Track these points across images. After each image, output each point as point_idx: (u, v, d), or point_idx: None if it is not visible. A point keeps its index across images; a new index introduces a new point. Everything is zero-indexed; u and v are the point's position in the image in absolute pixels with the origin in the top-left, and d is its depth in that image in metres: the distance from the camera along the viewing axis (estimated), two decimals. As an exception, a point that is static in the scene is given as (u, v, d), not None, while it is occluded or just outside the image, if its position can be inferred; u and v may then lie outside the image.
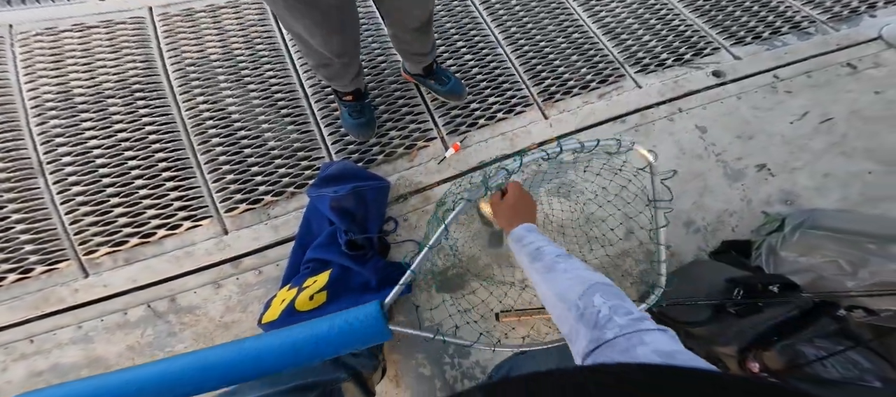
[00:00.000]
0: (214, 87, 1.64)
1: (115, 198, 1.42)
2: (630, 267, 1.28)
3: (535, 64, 1.67)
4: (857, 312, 1.03)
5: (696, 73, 1.59)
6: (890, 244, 1.09)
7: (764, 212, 1.27)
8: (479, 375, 1.19)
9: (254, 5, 1.80)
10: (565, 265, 0.69)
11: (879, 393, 0.89)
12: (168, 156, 1.50)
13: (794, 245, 1.13)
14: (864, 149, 1.38)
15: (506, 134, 1.51)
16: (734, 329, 1.02)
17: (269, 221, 1.40)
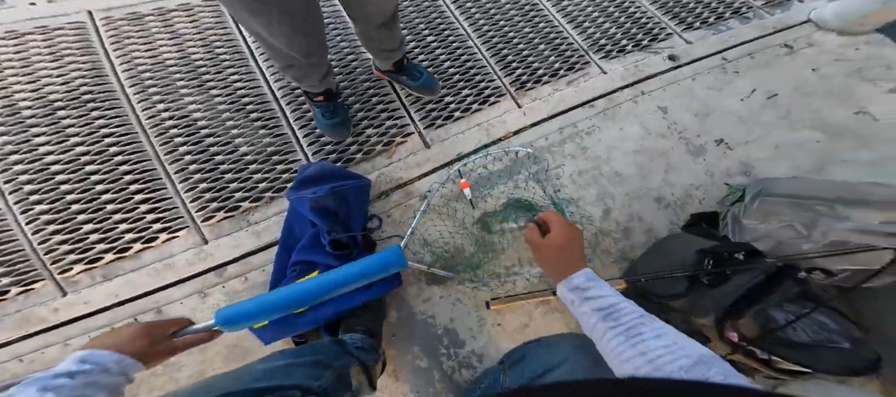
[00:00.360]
0: (174, 94, 1.54)
1: (83, 214, 1.33)
2: (609, 246, 1.31)
3: (505, 54, 1.67)
4: (816, 274, 1.07)
5: (654, 57, 1.63)
6: (837, 205, 1.14)
7: (726, 183, 1.32)
8: (476, 364, 1.18)
9: (208, 8, 1.69)
10: (653, 329, 0.60)
11: (846, 353, 0.93)
12: (133, 167, 1.40)
13: (754, 213, 1.18)
14: (808, 120, 1.46)
15: (481, 124, 1.50)
16: (708, 299, 1.03)
17: (249, 228, 1.34)
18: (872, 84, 1.50)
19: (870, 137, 1.41)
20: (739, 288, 1.02)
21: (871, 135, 1.42)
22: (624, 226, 1.32)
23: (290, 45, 1.10)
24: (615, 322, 0.62)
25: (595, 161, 1.41)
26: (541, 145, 1.43)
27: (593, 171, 1.39)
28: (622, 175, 1.39)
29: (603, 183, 1.38)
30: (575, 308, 0.70)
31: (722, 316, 1.01)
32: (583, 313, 0.68)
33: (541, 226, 0.82)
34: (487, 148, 1.42)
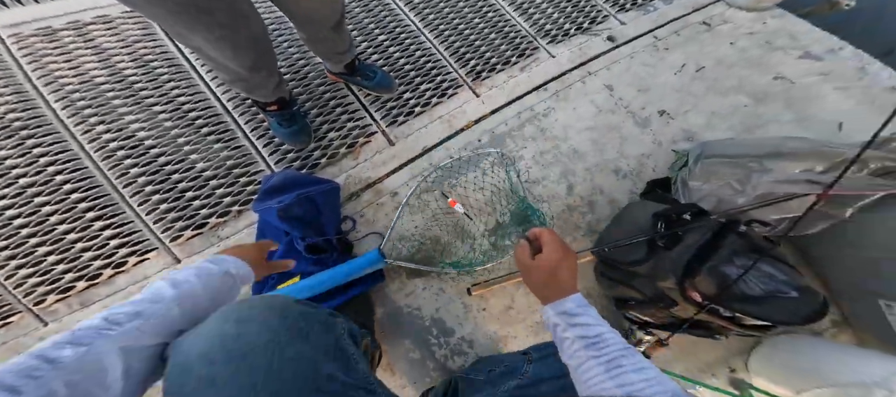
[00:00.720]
0: (112, 113, 1.41)
1: (43, 246, 1.23)
2: (577, 220, 1.35)
3: (459, 47, 1.66)
4: (755, 226, 1.13)
5: (595, 38, 1.69)
6: (764, 160, 1.23)
7: (673, 149, 1.39)
8: (467, 350, 1.19)
9: (130, 20, 1.55)
10: (634, 363, 0.59)
11: (795, 302, 0.98)
12: (85, 194, 1.29)
13: (698, 175, 1.25)
14: (734, 88, 1.57)
15: (443, 117, 1.49)
16: (667, 261, 1.07)
17: (221, 243, 1.28)
18: (783, 52, 1.63)
19: (790, 99, 1.53)
20: (691, 247, 1.05)
21: (791, 96, 1.54)
22: (588, 199, 1.37)
23: (235, 59, 1.02)
24: (598, 351, 0.61)
25: (554, 141, 1.44)
26: (502, 131, 1.45)
27: (554, 151, 1.43)
28: (580, 151, 1.43)
29: (564, 160, 1.42)
30: (558, 332, 0.67)
31: (681, 276, 1.05)
32: (565, 338, 0.65)
33: (531, 242, 0.77)
34: (459, 158, 1.40)
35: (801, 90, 1.54)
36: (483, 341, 1.19)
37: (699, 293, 1.02)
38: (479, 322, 1.21)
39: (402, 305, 1.21)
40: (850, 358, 1.03)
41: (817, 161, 1.20)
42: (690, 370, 1.21)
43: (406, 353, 1.17)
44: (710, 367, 1.22)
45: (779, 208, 1.17)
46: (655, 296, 1.10)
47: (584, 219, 1.34)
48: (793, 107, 1.51)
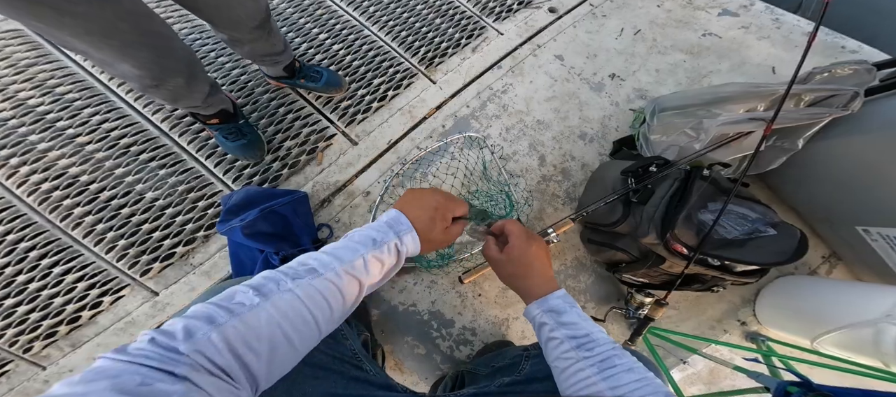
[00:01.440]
0: (31, 150, 1.19)
1: (9, 298, 1.06)
2: (555, 190, 1.29)
3: (406, 36, 1.52)
4: (717, 168, 1.09)
5: (538, 11, 1.61)
6: (711, 106, 1.20)
7: (631, 109, 1.36)
8: (470, 338, 1.11)
9: (17, 40, 1.30)
10: (625, 363, 0.53)
11: (774, 240, 0.95)
12: (33, 242, 1.11)
13: (656, 128, 1.21)
14: (671, 46, 1.56)
15: (402, 109, 1.37)
16: (643, 217, 1.01)
17: (196, 270, 1.12)
18: (704, 11, 1.64)
19: (722, 51, 1.54)
20: (663, 198, 1.01)
21: (722, 49, 1.54)
22: (561, 167, 1.31)
23: (135, 64, 0.83)
24: (589, 352, 0.55)
25: (517, 115, 1.37)
26: (464, 114, 1.36)
27: (519, 125, 1.36)
28: (544, 121, 1.37)
29: (530, 133, 1.35)
30: (545, 332, 0.60)
31: (661, 230, 1.00)
32: (553, 339, 0.59)
33: (497, 236, 0.69)
34: (427, 149, 1.28)
35: (729, 42, 1.54)
36: (485, 327, 1.11)
37: (682, 244, 0.97)
38: (477, 309, 1.13)
39: (397, 303, 1.11)
40: (852, 296, 1.00)
41: (758, 101, 1.19)
42: (700, 328, 1.17)
43: (411, 350, 1.08)
44: (720, 323, 1.18)
45: (734, 148, 1.16)
46: (642, 254, 1.06)
47: (561, 187, 1.28)
48: (726, 58, 1.51)
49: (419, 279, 1.13)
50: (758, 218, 1.03)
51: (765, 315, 1.16)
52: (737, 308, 1.18)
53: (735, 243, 0.97)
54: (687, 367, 1.15)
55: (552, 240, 1.02)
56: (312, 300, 0.45)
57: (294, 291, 0.44)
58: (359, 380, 0.61)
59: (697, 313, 1.18)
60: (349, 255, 0.52)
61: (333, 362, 0.59)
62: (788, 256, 0.97)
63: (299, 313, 0.44)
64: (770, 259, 0.95)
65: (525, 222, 1.19)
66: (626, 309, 1.12)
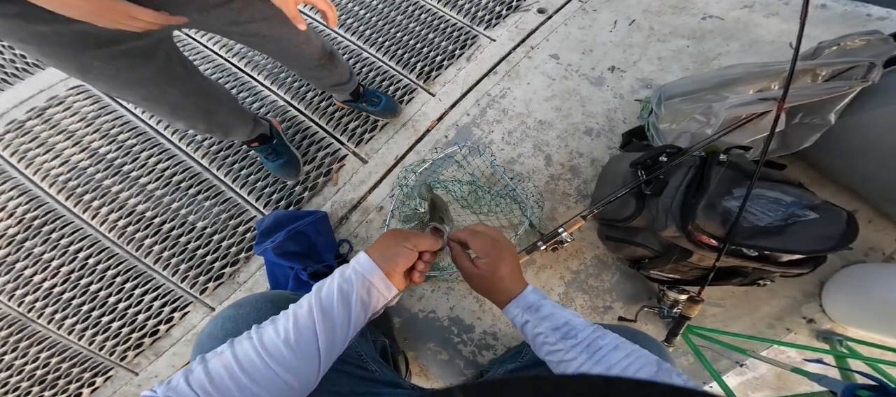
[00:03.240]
0: (107, 193, 1.00)
1: (105, 316, 0.92)
2: (565, 188, 0.93)
3: (402, 54, 1.16)
4: (734, 152, 0.74)
5: (527, 14, 1.20)
6: (719, 89, 0.82)
7: (636, 99, 0.97)
8: (492, 342, 0.82)
9: (81, 94, 1.08)
10: (610, 342, 0.38)
11: (817, 224, 0.60)
12: (118, 269, 0.95)
13: (664, 117, 0.85)
14: (670, 32, 1.11)
15: (406, 124, 1.04)
16: (660, 209, 0.68)
17: (241, 287, 0.91)
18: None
19: (728, 32, 1.08)
20: (679, 188, 0.67)
21: (727, 30, 1.09)
22: (569, 165, 0.94)
23: (187, 123, 0.72)
24: (574, 340, 0.39)
25: (518, 118, 1.00)
26: (465, 122, 1.01)
27: (521, 128, 0.99)
28: (547, 121, 1.00)
29: (533, 134, 0.98)
30: (529, 329, 0.42)
31: (681, 221, 0.67)
32: (538, 334, 0.42)
33: (463, 245, 0.47)
34: (431, 161, 0.97)
35: (734, 23, 1.08)
36: (506, 331, 0.81)
37: (708, 235, 0.62)
38: (496, 313, 0.83)
39: (417, 311, 0.83)
40: None
41: (769, 80, 0.81)
42: (756, 327, 0.79)
43: (434, 356, 0.80)
44: (781, 321, 0.79)
45: (751, 130, 0.78)
46: (665, 248, 0.70)
47: (571, 185, 0.92)
48: (734, 38, 1.05)
49: (436, 286, 0.84)
50: (793, 201, 0.66)
51: (837, 311, 0.76)
52: (798, 303, 0.79)
53: (770, 230, 0.61)
54: (746, 371, 0.77)
55: (564, 239, 0.72)
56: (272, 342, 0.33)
57: (252, 341, 0.33)
58: (364, 379, 0.48)
59: (749, 310, 0.80)
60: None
61: (338, 363, 0.43)
62: (835, 242, 0.60)
63: (251, 359, 0.32)
64: (814, 245, 0.59)
65: (538, 224, 0.87)
66: (659, 308, 0.77)
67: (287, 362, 0.32)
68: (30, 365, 0.91)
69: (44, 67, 1.09)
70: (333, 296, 0.37)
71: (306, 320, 0.35)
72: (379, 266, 0.40)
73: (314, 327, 0.35)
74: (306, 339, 0.34)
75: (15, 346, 0.91)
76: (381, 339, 0.68)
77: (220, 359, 0.31)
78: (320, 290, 0.38)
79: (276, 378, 0.31)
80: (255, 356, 0.31)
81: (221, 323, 0.41)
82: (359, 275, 0.39)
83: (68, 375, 0.92)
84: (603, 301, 0.82)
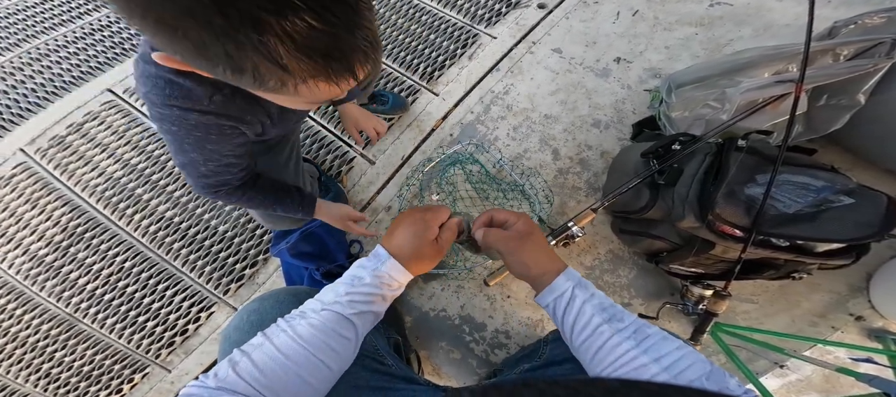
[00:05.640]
0: (140, 201, 0.99)
1: (141, 315, 0.92)
2: (574, 182, 0.85)
3: (404, 56, 1.10)
4: (753, 136, 0.65)
5: (527, 10, 1.12)
6: (733, 74, 0.73)
7: (646, 89, 0.88)
8: (505, 341, 0.75)
9: (109, 107, 1.08)
10: (657, 331, 0.32)
11: (853, 209, 0.51)
12: (150, 271, 0.94)
13: (676, 105, 0.76)
14: (677, 21, 1.02)
15: (411, 124, 0.98)
16: (675, 198, 0.61)
17: (260, 288, 0.89)
18: None
19: (738, 18, 0.98)
20: (695, 176, 0.59)
21: (737, 15, 0.98)
22: (578, 158, 0.87)
23: None
24: (621, 323, 0.33)
25: (523, 114, 0.93)
26: (470, 120, 0.95)
27: (526, 123, 0.92)
28: (552, 115, 0.92)
29: (538, 129, 0.91)
30: (572, 308, 0.35)
31: (699, 211, 0.59)
32: (582, 313, 0.34)
33: (499, 225, 0.42)
34: (437, 160, 0.91)
35: (744, 8, 0.98)
36: (519, 329, 0.75)
37: (731, 225, 0.54)
38: (508, 311, 0.76)
39: (428, 309, 0.78)
40: None
41: (785, 62, 0.71)
42: (797, 325, 0.69)
43: (446, 355, 0.75)
44: (825, 318, 0.69)
45: (770, 114, 0.68)
46: (684, 240, 0.62)
47: (581, 178, 0.85)
48: (746, 23, 0.95)
49: (446, 285, 0.78)
50: (825, 186, 0.56)
51: (888, 306, 0.66)
52: (844, 298, 0.68)
53: (802, 218, 0.53)
54: (788, 373, 0.67)
55: (575, 233, 0.65)
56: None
57: (287, 332, 0.33)
58: (381, 373, 0.46)
59: (788, 307, 0.70)
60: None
61: (358, 356, 0.42)
62: (877, 228, 0.50)
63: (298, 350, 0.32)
64: (853, 233, 0.50)
65: (546, 219, 0.79)
66: (683, 305, 0.69)
67: (321, 346, 0.33)
68: (78, 362, 0.92)
69: (79, 85, 1.11)
70: (358, 286, 0.37)
71: (331, 312, 0.35)
72: (401, 261, 0.39)
73: (340, 316, 0.35)
74: (333, 327, 0.34)
75: (64, 343, 0.92)
76: (394, 337, 0.64)
77: (263, 350, 0.31)
78: (345, 282, 0.38)
79: (315, 361, 0.32)
80: (293, 344, 0.32)
81: (247, 316, 0.41)
82: (384, 273, 0.39)
83: (111, 371, 0.92)
84: (621, 297, 0.74)
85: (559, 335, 0.49)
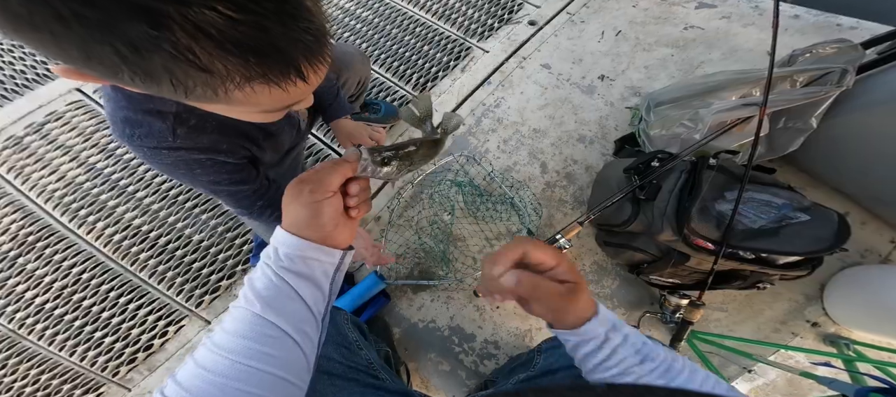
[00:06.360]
0: (103, 208, 0.94)
1: (98, 330, 0.85)
2: (561, 195, 0.90)
3: (398, 66, 1.13)
4: (723, 155, 0.72)
5: (518, 26, 1.18)
6: (705, 96, 0.80)
7: (627, 107, 0.94)
8: (494, 351, 0.77)
9: (76, 108, 1.02)
10: (683, 363, 0.31)
11: (809, 225, 0.58)
12: (111, 284, 0.88)
13: (654, 123, 0.82)
14: (656, 42, 1.10)
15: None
16: (655, 213, 0.66)
17: None
18: (680, 6, 1.16)
19: (709, 41, 1.07)
20: (672, 192, 0.65)
21: (709, 39, 1.07)
22: (564, 172, 0.91)
23: None
24: (653, 363, 0.30)
25: (513, 127, 0.97)
26: (461, 131, 0.98)
27: (516, 136, 0.96)
28: (540, 129, 0.97)
29: (527, 142, 0.95)
30: (605, 349, 0.31)
31: (676, 225, 0.63)
32: (614, 353, 0.31)
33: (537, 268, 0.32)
34: (429, 171, 0.90)
35: (714, 33, 1.07)
36: (508, 339, 0.77)
37: (703, 238, 0.60)
38: (497, 321, 0.78)
39: (417, 321, 0.78)
40: None
41: (751, 86, 0.79)
42: (762, 331, 0.75)
43: (435, 367, 0.75)
44: (785, 324, 0.75)
45: (737, 135, 0.75)
46: (662, 252, 0.67)
47: (567, 191, 0.89)
48: (715, 47, 1.04)
49: (436, 295, 0.79)
50: (784, 203, 0.64)
51: (839, 313, 0.73)
52: (801, 306, 0.75)
53: (765, 232, 0.59)
54: (755, 377, 0.72)
55: (563, 245, 0.68)
56: None
57: (205, 344, 0.29)
58: (376, 388, 0.45)
59: (753, 315, 0.76)
60: None
61: (349, 371, 0.44)
62: (830, 242, 0.58)
63: None
64: (810, 246, 0.57)
65: (535, 231, 0.82)
66: (661, 314, 0.74)
67: (243, 350, 0.27)
68: (18, 383, 0.84)
69: (43, 83, 1.03)
70: (264, 277, 0.30)
71: (244, 309, 0.29)
72: (305, 237, 0.30)
73: (260, 315, 0.28)
74: (251, 328, 0.28)
75: (3, 364, 0.84)
76: (384, 349, 0.64)
77: (186, 368, 0.27)
78: (253, 280, 0.30)
79: (242, 367, 0.26)
80: (212, 354, 0.27)
81: None
82: (289, 257, 0.30)
83: (58, 392, 0.85)
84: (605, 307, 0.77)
85: (552, 344, 0.52)
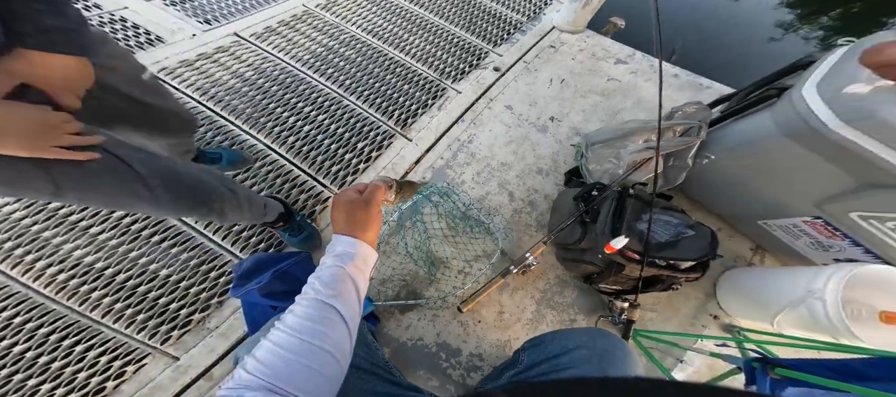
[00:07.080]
0: (45, 246, 0.88)
1: (40, 376, 0.77)
2: (526, 220, 1.07)
3: (380, 102, 1.26)
4: (638, 187, 0.94)
5: (485, 71, 1.40)
6: (623, 139, 1.05)
7: (571, 145, 1.17)
8: (479, 364, 0.87)
9: None
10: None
11: (694, 239, 0.81)
12: (53, 327, 0.81)
13: (592, 159, 1.05)
14: (589, 90, 1.39)
15: (386, 167, 1.11)
16: (597, 233, 0.86)
17: (213, 333, 0.84)
18: (604, 61, 1.49)
19: (624, 91, 1.38)
20: (607, 215, 0.86)
21: (623, 90, 1.38)
22: (528, 200, 1.09)
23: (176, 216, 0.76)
24: None
25: (484, 161, 1.15)
26: (440, 164, 1.12)
27: (487, 169, 1.13)
28: (507, 163, 1.15)
29: (497, 175, 1.13)
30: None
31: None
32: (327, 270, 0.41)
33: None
34: (410, 202, 1.00)
35: (626, 85, 1.39)
36: (491, 351, 0.88)
37: (631, 251, 0.81)
38: (479, 334, 0.89)
39: (405, 340, 0.87)
40: (786, 279, 0.83)
41: (651, 133, 1.05)
42: (683, 326, 0.95)
43: (425, 382, 0.83)
44: (697, 319, 0.96)
45: (644, 171, 1.01)
46: (606, 264, 0.87)
47: (531, 216, 1.06)
48: (629, 97, 1.35)
49: (422, 314, 0.89)
50: (679, 222, 0.88)
51: (728, 306, 0.97)
52: (703, 303, 0.97)
53: (668, 245, 0.82)
54: (686, 366, 0.90)
55: (531, 263, 0.83)
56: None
57: (278, 327, 0.36)
58: (392, 383, 0.55)
59: (675, 312, 0.96)
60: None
61: (372, 366, 0.54)
62: (706, 251, 0.84)
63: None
64: (696, 254, 0.81)
65: (507, 252, 0.97)
66: (611, 316, 0.92)
67: (309, 331, 0.34)
68: None
69: None
70: (333, 270, 0.39)
71: (313, 298, 0.37)
72: (359, 238, 0.42)
73: (318, 301, 0.36)
74: (316, 312, 0.36)
75: None
76: None
77: (262, 347, 0.34)
78: (321, 271, 0.40)
79: (307, 346, 0.34)
80: (284, 335, 0.34)
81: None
82: (349, 254, 0.40)
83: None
84: (568, 315, 0.94)
85: (533, 343, 0.62)
